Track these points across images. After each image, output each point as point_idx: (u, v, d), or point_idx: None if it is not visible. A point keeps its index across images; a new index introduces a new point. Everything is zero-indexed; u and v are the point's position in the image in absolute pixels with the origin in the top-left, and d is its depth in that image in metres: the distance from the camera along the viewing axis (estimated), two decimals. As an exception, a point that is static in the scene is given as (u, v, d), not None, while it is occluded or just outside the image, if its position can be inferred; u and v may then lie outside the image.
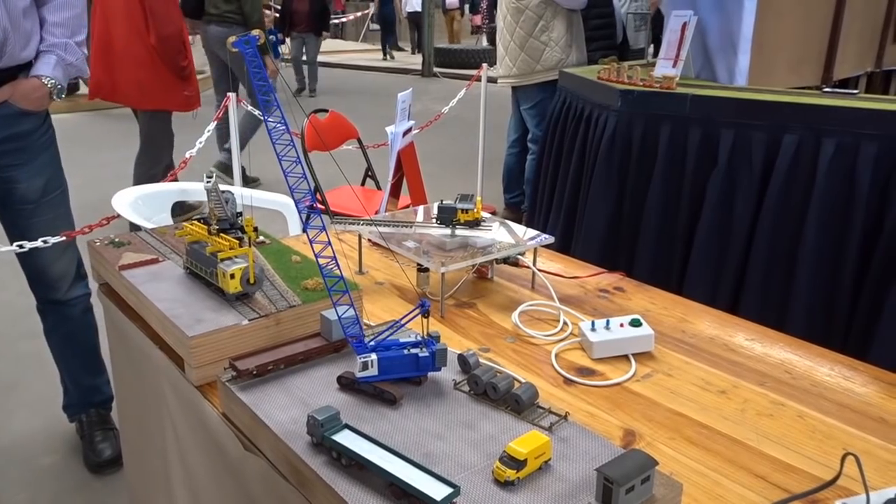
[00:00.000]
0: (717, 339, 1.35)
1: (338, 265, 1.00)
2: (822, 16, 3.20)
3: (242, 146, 5.47)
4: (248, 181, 5.61)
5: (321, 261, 0.99)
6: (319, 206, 0.98)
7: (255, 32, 0.94)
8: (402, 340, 1.04)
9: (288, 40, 11.06)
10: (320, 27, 10.92)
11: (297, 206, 0.96)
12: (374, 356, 1.00)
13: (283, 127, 0.94)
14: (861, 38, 3.54)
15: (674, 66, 2.85)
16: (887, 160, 2.20)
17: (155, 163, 4.40)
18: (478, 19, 16.54)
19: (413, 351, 1.02)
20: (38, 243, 2.19)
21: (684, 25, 2.87)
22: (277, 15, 10.29)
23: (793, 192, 2.35)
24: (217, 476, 1.18)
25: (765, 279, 2.41)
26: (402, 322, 1.05)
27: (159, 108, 4.22)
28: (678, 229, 2.60)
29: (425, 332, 1.04)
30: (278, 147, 0.94)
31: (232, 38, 0.92)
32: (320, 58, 11.44)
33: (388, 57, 15.63)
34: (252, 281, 1.23)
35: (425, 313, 1.01)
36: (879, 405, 1.14)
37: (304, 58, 11.16)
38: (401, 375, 1.02)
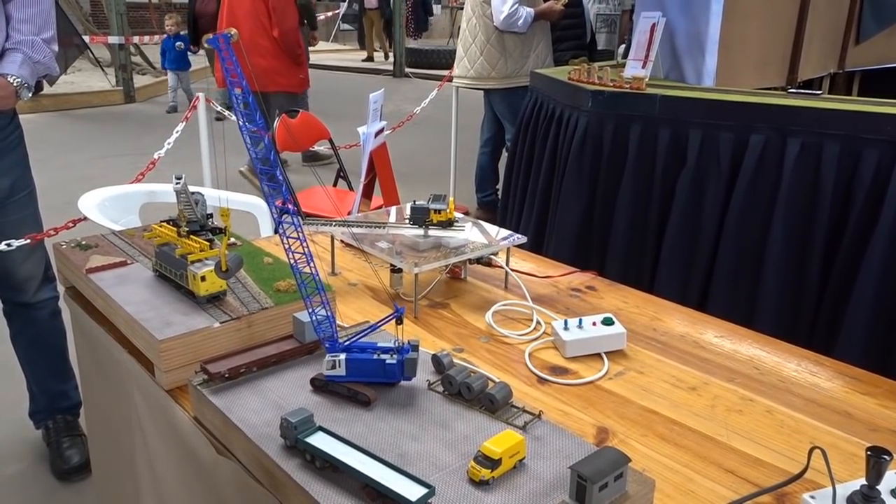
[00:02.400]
0: (688, 337, 1.37)
1: (309, 263, 0.99)
2: (786, 18, 3.26)
3: None
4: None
5: (295, 256, 0.98)
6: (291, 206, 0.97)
7: (231, 30, 0.92)
8: (379, 344, 1.03)
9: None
10: None
11: (268, 201, 0.95)
12: (342, 356, 1.00)
13: (258, 126, 0.93)
14: (824, 40, 3.61)
15: (643, 66, 2.88)
16: (850, 159, 2.25)
17: None
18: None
19: (382, 357, 1.01)
20: (2, 246, 2.14)
21: (653, 27, 2.90)
22: (180, 19, 8.79)
23: (759, 191, 2.39)
24: (188, 481, 1.16)
25: (733, 276, 2.45)
26: (376, 325, 1.04)
27: (281, 90, 5.00)
28: (648, 228, 2.63)
29: (403, 339, 1.03)
30: (252, 146, 0.93)
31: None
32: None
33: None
34: (225, 268, 1.21)
35: (399, 320, 1.00)
36: (844, 399, 1.16)
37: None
38: (368, 379, 1.01)
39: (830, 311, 2.30)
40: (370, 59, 15.02)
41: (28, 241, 2.19)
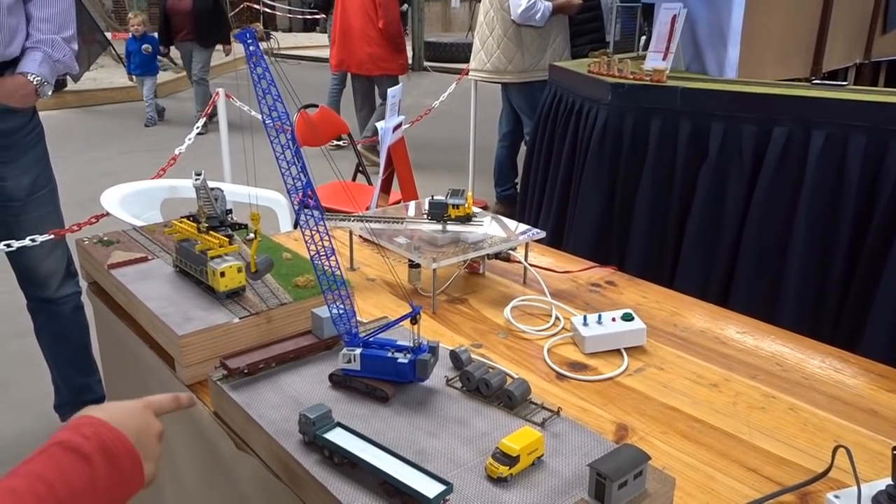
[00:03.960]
0: (709, 333, 1.35)
1: (329, 258, 0.99)
2: (810, 8, 3.20)
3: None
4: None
5: (314, 248, 0.98)
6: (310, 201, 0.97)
7: (256, 26, 0.92)
8: (398, 342, 1.03)
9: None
10: (208, 35, 7.46)
11: (289, 196, 0.95)
12: (357, 351, 1.00)
13: (282, 121, 0.92)
14: (850, 29, 3.55)
15: (664, 58, 2.85)
16: (876, 151, 2.21)
17: None
18: None
19: (396, 355, 1.00)
20: (26, 242, 2.17)
21: (674, 18, 2.87)
22: (147, 18, 8.24)
23: (783, 184, 2.35)
24: (208, 475, 1.17)
25: (755, 271, 2.42)
26: (392, 324, 1.04)
27: (386, 73, 5.86)
28: (669, 222, 2.61)
29: (423, 338, 1.01)
30: (274, 140, 0.93)
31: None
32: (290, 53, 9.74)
33: None
34: (255, 269, 1.20)
35: (414, 319, 0.99)
36: (870, 397, 1.14)
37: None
38: (381, 377, 1.00)
39: (855, 307, 2.27)
40: None
41: (51, 236, 2.22)
